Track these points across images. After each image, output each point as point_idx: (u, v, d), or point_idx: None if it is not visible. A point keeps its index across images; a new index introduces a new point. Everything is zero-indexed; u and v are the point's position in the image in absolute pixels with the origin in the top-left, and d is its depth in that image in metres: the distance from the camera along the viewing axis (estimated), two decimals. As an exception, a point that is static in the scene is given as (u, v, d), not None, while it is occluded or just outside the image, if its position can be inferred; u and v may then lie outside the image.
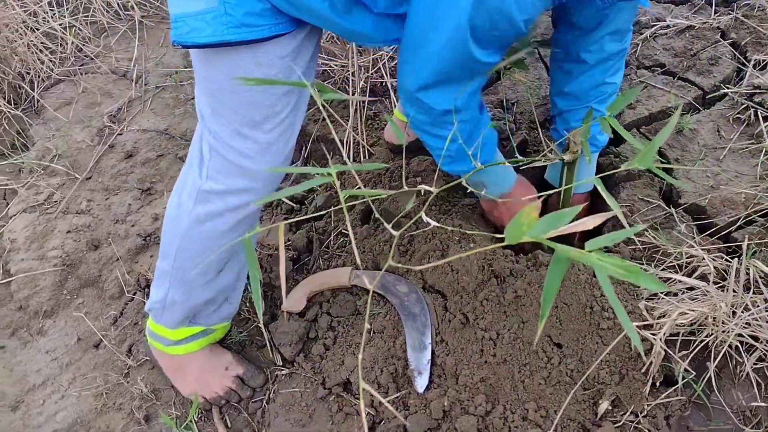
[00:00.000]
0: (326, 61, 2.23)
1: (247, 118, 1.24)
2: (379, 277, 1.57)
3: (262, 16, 1.13)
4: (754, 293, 1.37)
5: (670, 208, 1.60)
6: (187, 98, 2.39)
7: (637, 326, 1.32)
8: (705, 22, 2.04)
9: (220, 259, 1.40)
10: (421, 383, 1.42)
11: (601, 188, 0.84)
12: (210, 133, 1.29)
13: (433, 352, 1.46)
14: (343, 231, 1.81)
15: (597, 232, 1.58)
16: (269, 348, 1.58)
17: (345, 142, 2.00)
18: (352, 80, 1.97)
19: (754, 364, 1.31)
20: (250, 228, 1.36)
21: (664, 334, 1.29)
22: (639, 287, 1.46)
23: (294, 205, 1.95)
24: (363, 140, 1.99)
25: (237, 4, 1.11)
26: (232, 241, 1.33)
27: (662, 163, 1.73)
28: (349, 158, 2.00)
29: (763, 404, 1.29)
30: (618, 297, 1.41)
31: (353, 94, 1.96)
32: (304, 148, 2.08)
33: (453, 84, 1.23)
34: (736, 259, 1.40)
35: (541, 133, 1.86)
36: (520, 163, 1.20)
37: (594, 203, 1.75)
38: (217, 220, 1.33)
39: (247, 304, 1.67)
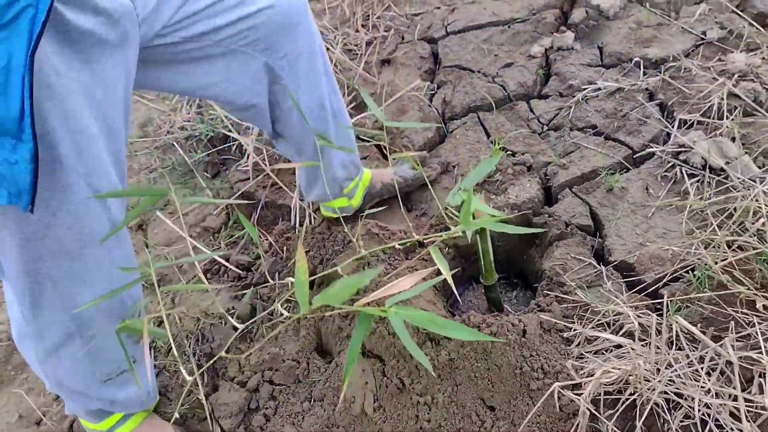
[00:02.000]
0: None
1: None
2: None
3: None
4: (678, 349, 1.40)
5: (600, 266, 1.64)
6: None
7: (563, 386, 1.34)
8: (634, 84, 2.13)
9: (100, 373, 1.29)
10: None
11: (435, 254, 0.87)
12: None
13: None
14: (289, 298, 1.83)
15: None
16: (209, 420, 1.57)
17: (292, 208, 2.05)
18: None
19: (681, 421, 1.32)
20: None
21: (590, 393, 1.30)
22: (569, 345, 1.48)
23: (240, 272, 1.97)
24: (308, 207, 2.03)
25: None
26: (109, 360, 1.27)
27: (594, 222, 1.79)
28: (296, 224, 2.04)
29: (690, 462, 1.30)
30: (548, 357, 1.43)
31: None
32: (254, 212, 2.11)
33: None
34: (655, 315, 1.44)
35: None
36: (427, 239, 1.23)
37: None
38: (66, 349, 1.21)
39: (178, 379, 1.66)
